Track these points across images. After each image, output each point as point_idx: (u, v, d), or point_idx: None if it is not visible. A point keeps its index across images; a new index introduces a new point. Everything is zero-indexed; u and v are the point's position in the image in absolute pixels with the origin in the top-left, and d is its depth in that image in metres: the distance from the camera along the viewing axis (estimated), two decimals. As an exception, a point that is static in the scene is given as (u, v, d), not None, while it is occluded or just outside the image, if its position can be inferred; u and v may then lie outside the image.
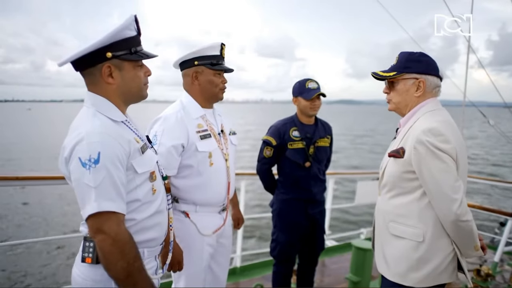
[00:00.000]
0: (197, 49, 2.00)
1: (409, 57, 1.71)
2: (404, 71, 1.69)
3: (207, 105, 2.10)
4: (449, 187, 1.51)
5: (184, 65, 2.06)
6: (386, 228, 1.73)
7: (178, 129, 1.93)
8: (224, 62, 2.07)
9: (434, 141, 1.52)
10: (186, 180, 1.99)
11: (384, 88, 1.81)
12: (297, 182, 2.77)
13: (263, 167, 2.87)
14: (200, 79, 2.02)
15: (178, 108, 2.01)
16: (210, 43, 2.01)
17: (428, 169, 1.54)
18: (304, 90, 2.71)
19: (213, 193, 2.04)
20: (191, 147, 1.95)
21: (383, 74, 1.76)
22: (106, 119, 1.29)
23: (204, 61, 2.00)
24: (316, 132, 2.80)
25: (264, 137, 2.82)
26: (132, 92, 1.38)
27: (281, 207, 2.83)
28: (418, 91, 1.69)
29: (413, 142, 1.57)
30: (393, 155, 1.68)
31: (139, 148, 1.34)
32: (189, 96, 2.07)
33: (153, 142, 1.90)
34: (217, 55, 2.02)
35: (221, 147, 2.07)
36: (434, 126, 1.56)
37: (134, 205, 1.32)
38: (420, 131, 1.55)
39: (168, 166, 1.90)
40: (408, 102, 1.72)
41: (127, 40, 1.31)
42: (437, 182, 1.52)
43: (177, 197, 2.02)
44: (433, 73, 1.69)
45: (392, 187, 1.70)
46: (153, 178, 1.39)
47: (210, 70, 2.01)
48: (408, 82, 1.70)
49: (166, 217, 1.50)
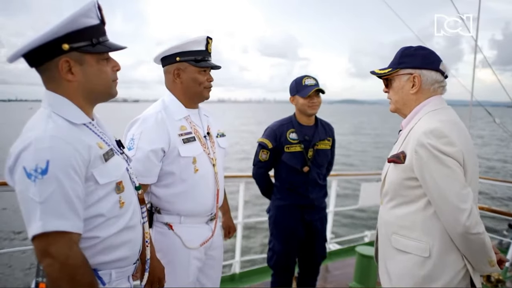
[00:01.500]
0: (179, 43, 1.81)
1: (404, 52, 1.59)
2: (398, 66, 1.58)
3: (191, 105, 1.92)
4: (456, 196, 1.36)
5: (165, 61, 1.87)
6: (388, 240, 1.58)
7: (158, 132, 1.74)
8: (210, 58, 1.88)
9: (437, 144, 1.38)
10: (168, 189, 1.80)
11: (383, 87, 1.70)
12: (294, 187, 2.59)
13: (259, 171, 2.70)
14: (183, 77, 1.84)
15: (159, 108, 1.83)
16: (194, 37, 1.82)
17: (431, 176, 1.39)
18: (301, 87, 2.52)
19: (199, 202, 1.85)
20: (172, 152, 1.76)
21: (379, 72, 1.65)
22: (62, 122, 1.11)
23: (187, 57, 1.81)
24: (316, 134, 2.61)
25: (259, 139, 2.65)
26: (98, 89, 1.20)
27: (277, 213, 2.66)
28: (413, 87, 1.55)
29: (413, 145, 1.43)
30: (393, 161, 1.55)
31: (102, 154, 1.15)
32: (171, 95, 1.88)
33: (130, 147, 1.72)
34: (202, 50, 1.83)
35: (207, 151, 1.89)
36: (436, 126, 1.41)
37: (97, 221, 1.14)
38: (421, 133, 1.42)
39: (147, 173, 1.72)
40: (405, 100, 1.59)
41: (87, 29, 1.12)
42: (442, 190, 1.37)
43: (159, 208, 1.84)
44: (430, 67, 1.55)
45: (394, 196, 1.56)
46: (120, 189, 1.20)
47: (193, 67, 1.82)
48: (403, 78, 1.58)
49: (139, 233, 1.32)
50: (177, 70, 1.82)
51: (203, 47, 1.83)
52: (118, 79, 1.25)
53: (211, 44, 1.87)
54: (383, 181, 1.64)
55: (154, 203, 1.83)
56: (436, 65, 1.55)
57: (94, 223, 1.12)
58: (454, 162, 1.38)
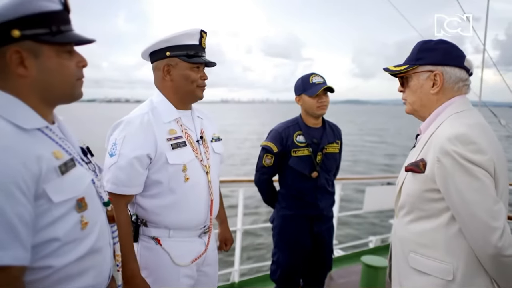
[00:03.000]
0: (170, 36, 1.61)
1: (423, 46, 1.42)
2: (416, 63, 1.41)
3: (183, 106, 1.72)
4: (486, 212, 1.18)
5: (154, 56, 1.66)
6: (405, 259, 1.40)
7: (143, 136, 1.55)
8: (204, 54, 1.69)
9: (463, 151, 1.20)
10: (155, 200, 1.61)
11: (399, 86, 1.51)
12: (301, 195, 2.38)
13: (262, 178, 2.48)
14: (173, 74, 1.64)
15: (146, 109, 1.63)
16: (186, 30, 1.63)
17: (456, 188, 1.22)
18: (308, 85, 2.33)
19: (191, 214, 1.65)
20: (159, 159, 1.56)
21: (394, 69, 1.47)
22: (7, 126, 0.89)
23: (178, 51, 1.61)
24: (324, 136, 2.41)
25: (263, 142, 2.44)
26: (57, 88, 0.99)
27: (283, 224, 2.45)
28: (434, 86, 1.38)
29: (436, 152, 1.26)
30: (411, 169, 1.37)
31: (58, 166, 0.93)
32: (160, 94, 1.68)
33: (112, 152, 1.53)
34: (195, 44, 1.64)
35: (199, 158, 1.69)
36: (462, 131, 1.22)
37: (51, 247, 0.92)
38: (445, 139, 1.24)
39: (131, 183, 1.53)
40: (424, 101, 1.42)
41: (45, 15, 0.92)
42: (469, 205, 1.20)
43: (145, 220, 1.64)
44: (454, 64, 1.37)
45: (412, 209, 1.38)
46: (82, 206, 0.99)
47: (185, 63, 1.62)
48: (422, 76, 1.40)
49: (107, 257, 1.11)
50: (167, 66, 1.63)
51: (196, 41, 1.64)
52: (84, 78, 1.04)
53: (205, 39, 1.68)
54: (398, 192, 1.46)
55: (140, 215, 1.64)
56: (460, 61, 1.37)
57: (46, 249, 0.91)
58: (484, 173, 1.20)
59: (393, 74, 1.50)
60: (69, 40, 0.97)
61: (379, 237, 5.22)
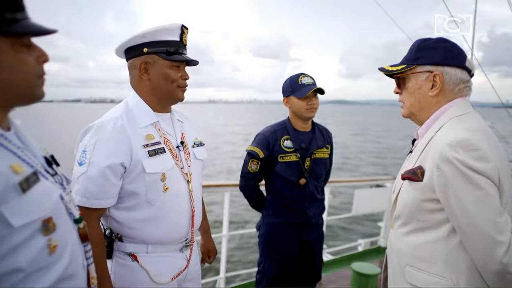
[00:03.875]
0: (147, 31, 1.47)
1: (422, 45, 1.32)
2: (414, 62, 1.31)
3: (161, 108, 1.58)
4: (490, 225, 1.09)
5: (130, 53, 1.53)
6: (401, 273, 1.31)
7: (116, 142, 1.40)
8: (185, 52, 1.56)
9: (466, 159, 1.10)
10: (131, 212, 1.47)
11: (395, 88, 1.41)
12: (289, 203, 2.27)
13: (248, 184, 2.36)
14: (151, 73, 1.50)
15: (120, 112, 1.49)
16: (166, 24, 1.50)
17: (457, 198, 1.12)
18: (297, 86, 2.21)
19: (170, 227, 1.52)
20: (135, 168, 1.43)
21: (390, 69, 1.37)
22: None
23: (157, 48, 1.48)
24: (313, 141, 2.29)
25: (249, 147, 2.31)
26: (13, 87, 0.82)
27: (269, 232, 2.33)
28: (433, 88, 1.28)
29: (435, 159, 1.17)
30: (408, 177, 1.27)
31: (18, 183, 0.77)
32: (137, 96, 1.55)
33: (81, 161, 1.38)
34: (176, 41, 1.51)
35: (180, 165, 1.56)
36: (464, 137, 1.12)
37: (12, 279, 0.76)
38: (445, 145, 1.15)
39: (103, 195, 1.39)
40: (423, 104, 1.32)
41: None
42: (472, 217, 1.11)
43: (120, 234, 1.50)
44: (454, 64, 1.27)
45: (409, 220, 1.29)
46: (49, 228, 0.82)
47: (165, 60, 1.49)
48: (420, 77, 1.30)
49: (81, 281, 0.96)
50: (144, 64, 1.49)
51: (176, 37, 1.51)
52: (45, 75, 0.88)
53: (186, 35, 1.54)
54: (394, 201, 1.36)
55: (114, 229, 1.50)
56: (462, 61, 1.27)
57: (7, 282, 0.76)
58: (488, 183, 1.10)
59: (389, 75, 1.39)
60: (26, 30, 0.82)
61: (368, 240, 5.17)
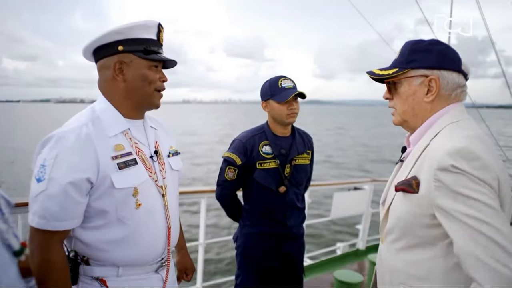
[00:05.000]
0: (123, 27, 1.33)
1: (415, 47, 1.23)
2: (408, 66, 1.22)
3: (134, 114, 1.43)
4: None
5: (101, 52, 1.37)
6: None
7: (81, 155, 1.24)
8: (162, 51, 1.43)
9: (467, 168, 1.01)
10: (99, 232, 1.31)
11: (384, 93, 1.33)
12: (268, 212, 2.16)
13: (224, 193, 2.23)
14: (127, 74, 1.35)
15: (85, 120, 1.32)
16: (142, 21, 1.36)
17: (457, 212, 1.02)
18: (277, 90, 2.09)
19: (144, 247, 1.38)
20: (103, 183, 1.27)
21: (380, 73, 1.28)
22: None
23: (133, 46, 1.33)
24: (294, 146, 2.18)
25: (225, 153, 2.18)
26: None
27: (247, 243, 2.21)
28: (429, 94, 1.20)
29: (432, 169, 1.07)
30: (402, 189, 1.17)
31: None
32: (105, 101, 1.39)
33: (39, 177, 1.22)
34: (153, 39, 1.38)
35: (154, 178, 1.41)
36: (463, 145, 1.04)
37: None
38: (444, 154, 1.05)
39: (65, 215, 1.23)
40: (417, 110, 1.23)
41: None
42: (490, 227, 0.98)
43: (87, 257, 1.34)
44: (451, 67, 1.19)
45: (402, 235, 1.20)
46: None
47: (142, 60, 1.35)
48: (414, 82, 1.22)
49: None
50: (119, 63, 1.34)
51: (153, 36, 1.37)
52: None
53: (163, 34, 1.42)
54: (385, 214, 1.27)
55: (80, 251, 1.33)
56: (458, 64, 1.20)
57: None
58: (491, 192, 1.01)
59: (379, 79, 1.30)
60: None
61: (347, 243, 5.15)
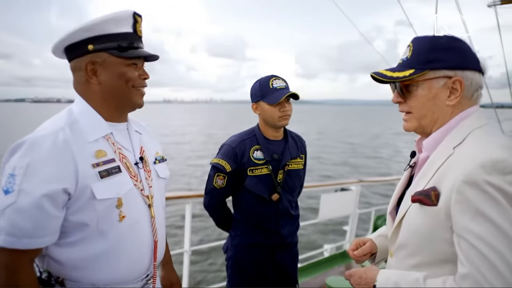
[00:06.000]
0: (91, 23, 1.17)
1: (434, 44, 1.08)
2: (427, 67, 1.08)
3: (117, 117, 1.29)
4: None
5: (71, 52, 1.22)
6: None
7: (57, 163, 1.09)
8: (142, 45, 1.28)
9: (501, 183, 0.90)
10: (77, 249, 1.16)
11: (394, 96, 1.19)
12: (260, 222, 2.03)
13: (213, 201, 2.09)
14: (101, 75, 1.21)
15: (62, 123, 1.17)
16: (114, 13, 1.20)
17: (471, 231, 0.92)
18: (268, 91, 1.96)
19: (128, 263, 1.24)
20: (82, 194, 1.12)
21: (393, 75, 1.12)
22: None
23: (105, 43, 1.19)
24: (286, 150, 2.06)
25: (213, 160, 2.04)
26: None
27: (238, 255, 2.08)
28: (452, 96, 1.07)
29: (458, 181, 0.95)
30: (419, 199, 1.05)
31: None
32: (84, 102, 1.24)
33: (7, 188, 1.06)
34: (129, 32, 1.22)
35: (139, 186, 1.28)
36: (501, 156, 0.92)
37: None
38: (477, 165, 0.93)
39: (39, 232, 1.08)
40: (437, 115, 1.10)
41: None
42: (502, 256, 0.89)
43: (62, 278, 1.19)
44: (473, 67, 1.07)
45: (418, 251, 1.08)
46: None
47: (118, 58, 1.20)
48: (435, 84, 1.08)
49: None
50: (91, 64, 1.19)
51: (129, 28, 1.22)
52: None
53: (140, 24, 1.26)
54: (397, 225, 1.16)
55: (54, 272, 1.18)
56: (478, 63, 1.09)
57: None
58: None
59: (387, 81, 1.15)
60: None
61: (334, 245, 5.09)
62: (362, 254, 1.39)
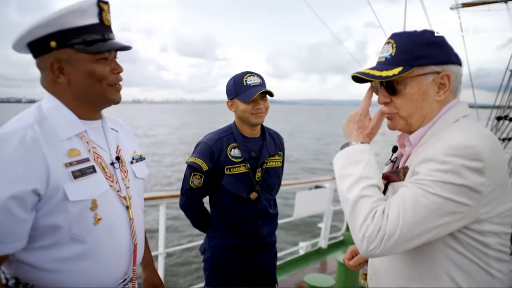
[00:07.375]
0: (51, 17, 1.08)
1: (419, 40, 1.07)
2: (415, 64, 1.06)
3: (90, 114, 1.22)
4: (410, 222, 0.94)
5: (35, 49, 1.13)
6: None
7: (25, 162, 1.02)
8: (112, 35, 1.19)
9: (457, 167, 0.92)
10: (49, 252, 1.09)
11: (379, 97, 1.16)
12: (239, 222, 2.00)
13: (189, 202, 2.04)
14: (69, 73, 1.13)
15: (30, 120, 1.10)
16: (75, 4, 1.10)
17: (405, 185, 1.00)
18: (242, 88, 1.93)
19: (106, 268, 1.18)
20: (54, 195, 1.05)
21: (382, 74, 1.08)
22: None
23: (69, 39, 1.10)
24: (264, 148, 2.04)
25: (189, 159, 1.99)
26: None
27: (216, 256, 2.04)
28: (440, 92, 1.08)
29: (422, 157, 0.99)
30: (387, 176, 1.13)
31: None
32: (54, 98, 1.17)
33: None
34: (94, 24, 1.12)
35: (116, 187, 1.22)
36: (470, 142, 0.94)
37: None
38: (445, 147, 0.96)
39: (5, 237, 1.01)
40: (426, 111, 1.10)
41: None
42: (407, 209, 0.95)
43: (32, 284, 1.11)
44: (456, 61, 1.09)
45: None
46: None
47: (85, 54, 1.12)
48: (424, 81, 1.07)
49: None
50: (56, 62, 1.11)
51: (94, 19, 1.12)
52: None
53: (107, 13, 1.16)
54: None
55: (23, 277, 1.10)
56: (458, 56, 1.11)
57: None
58: (471, 195, 0.93)
59: (370, 80, 1.13)
60: None
61: (309, 242, 5.14)
62: (357, 263, 1.38)
